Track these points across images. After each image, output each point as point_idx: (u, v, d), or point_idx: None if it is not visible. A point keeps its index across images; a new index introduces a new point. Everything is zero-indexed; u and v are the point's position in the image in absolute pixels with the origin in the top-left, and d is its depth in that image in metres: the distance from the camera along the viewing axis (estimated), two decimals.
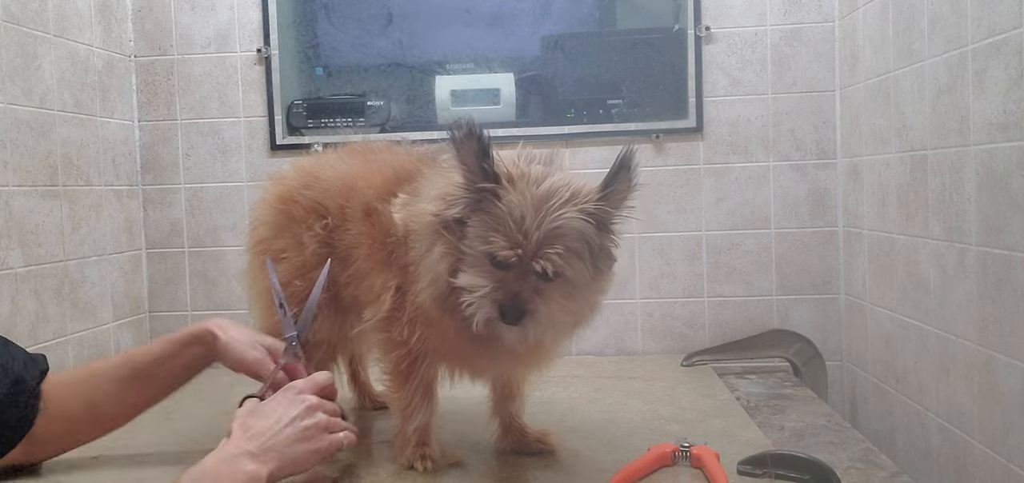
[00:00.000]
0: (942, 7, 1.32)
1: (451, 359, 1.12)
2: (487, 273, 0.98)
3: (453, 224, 1.01)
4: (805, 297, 1.84)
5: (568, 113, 1.86)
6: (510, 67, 1.87)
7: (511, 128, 1.84)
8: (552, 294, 0.99)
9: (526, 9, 1.89)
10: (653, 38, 1.86)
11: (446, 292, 1.02)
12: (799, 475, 1.06)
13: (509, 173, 1.00)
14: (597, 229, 1.00)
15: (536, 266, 0.97)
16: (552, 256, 0.96)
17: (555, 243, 0.97)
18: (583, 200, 0.99)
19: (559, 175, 1.01)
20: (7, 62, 1.45)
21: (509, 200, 0.98)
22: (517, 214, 0.97)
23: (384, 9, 1.89)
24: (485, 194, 0.99)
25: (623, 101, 1.85)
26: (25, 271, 1.49)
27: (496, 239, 0.97)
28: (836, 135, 1.82)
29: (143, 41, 1.89)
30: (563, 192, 0.99)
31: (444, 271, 1.01)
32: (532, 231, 0.97)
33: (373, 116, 1.86)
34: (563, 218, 0.97)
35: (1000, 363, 1.19)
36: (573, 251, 0.98)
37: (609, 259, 1.03)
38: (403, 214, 1.09)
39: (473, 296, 0.98)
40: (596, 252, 1.00)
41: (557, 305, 0.99)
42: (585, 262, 0.99)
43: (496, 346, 1.03)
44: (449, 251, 1.01)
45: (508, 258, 0.97)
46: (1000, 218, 1.17)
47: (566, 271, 0.98)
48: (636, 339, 1.88)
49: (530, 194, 0.98)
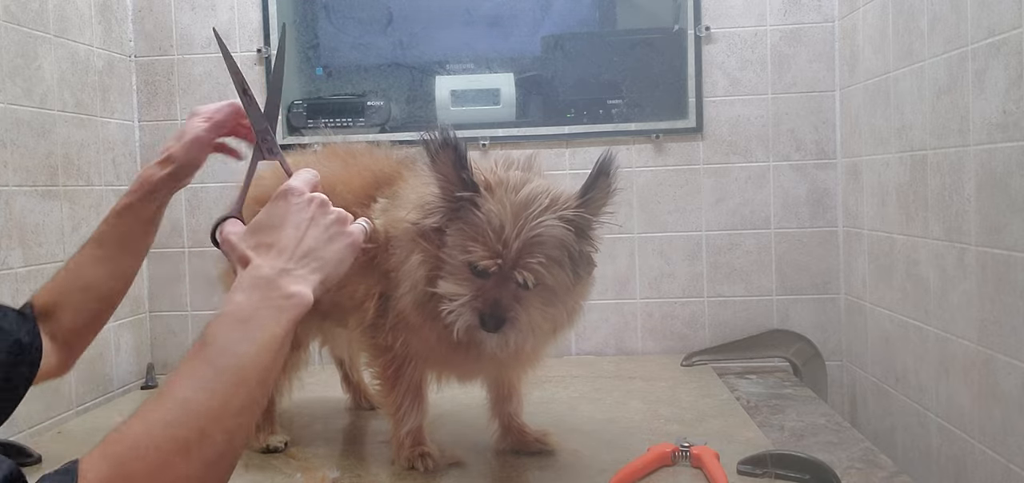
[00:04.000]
0: (942, 7, 1.32)
1: (435, 363, 1.12)
2: (467, 281, 0.98)
3: (431, 233, 1.00)
4: (805, 297, 1.84)
5: (568, 113, 1.86)
6: (510, 67, 1.87)
7: (511, 128, 1.84)
8: (532, 301, 0.98)
9: (526, 9, 1.89)
10: (653, 38, 1.86)
11: (425, 299, 1.02)
12: (799, 475, 1.06)
13: (487, 181, 0.99)
14: (576, 236, 0.99)
15: (517, 276, 0.96)
16: (533, 265, 0.96)
17: (535, 252, 0.96)
18: (562, 206, 0.98)
19: (538, 181, 1.01)
20: (7, 62, 1.45)
21: (488, 209, 0.97)
22: (496, 223, 0.96)
23: (384, 9, 1.89)
24: (463, 203, 0.98)
25: (623, 101, 1.85)
26: (25, 271, 1.49)
27: (475, 249, 0.97)
28: (836, 135, 1.82)
29: (143, 41, 1.89)
30: (542, 199, 0.98)
31: (421, 279, 1.02)
32: (512, 240, 0.96)
33: (373, 116, 1.86)
34: (543, 226, 0.96)
35: (1000, 363, 1.19)
36: (553, 259, 0.97)
37: (589, 264, 1.02)
38: (383, 220, 1.08)
39: (453, 304, 0.98)
40: (576, 259, 0.99)
41: (537, 312, 0.99)
42: (565, 269, 0.99)
43: (479, 350, 1.03)
44: (427, 259, 1.01)
45: (488, 268, 0.96)
46: (1000, 218, 1.17)
47: (546, 279, 0.97)
48: (636, 339, 1.88)
49: (509, 202, 0.97)
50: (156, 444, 0.62)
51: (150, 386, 1.76)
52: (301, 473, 1.15)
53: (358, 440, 1.36)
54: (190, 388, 0.66)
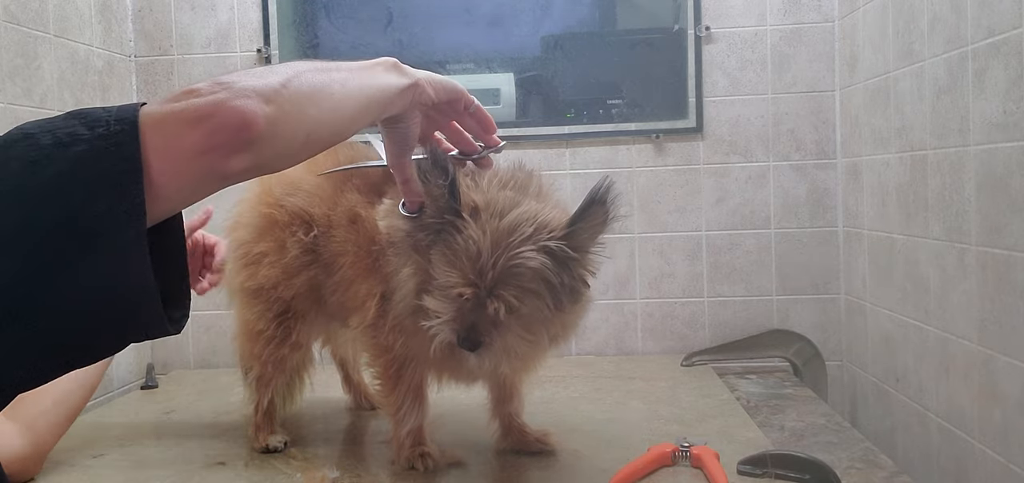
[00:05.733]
0: (942, 7, 1.32)
1: (434, 365, 1.12)
2: (449, 300, 0.98)
3: (422, 246, 1.00)
4: (805, 297, 1.84)
5: (568, 113, 1.86)
6: (510, 67, 1.87)
7: (511, 128, 1.84)
8: (510, 326, 0.97)
9: (526, 9, 1.89)
10: (653, 38, 1.86)
11: (413, 309, 1.02)
12: (799, 475, 1.06)
13: (475, 203, 0.98)
14: (558, 266, 0.96)
15: (489, 306, 0.95)
16: (505, 297, 0.95)
17: (509, 283, 0.95)
18: (546, 236, 0.96)
19: (527, 205, 0.99)
20: (7, 62, 1.45)
21: (468, 235, 0.96)
22: (474, 251, 0.95)
23: (384, 9, 1.89)
24: (446, 225, 0.98)
25: (623, 101, 1.85)
26: None
27: (452, 275, 0.96)
28: (836, 135, 1.82)
29: (143, 41, 1.89)
30: (525, 227, 0.96)
31: (411, 291, 1.02)
32: (487, 269, 0.95)
33: None
34: (520, 257, 0.95)
35: (1000, 363, 1.19)
36: (528, 291, 0.96)
37: (575, 294, 0.99)
38: (386, 223, 1.08)
39: (434, 321, 0.98)
40: (557, 289, 0.97)
41: (514, 338, 0.98)
42: (543, 300, 0.96)
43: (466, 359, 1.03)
44: (416, 271, 1.01)
45: (462, 295, 0.96)
46: (1000, 218, 1.17)
47: (521, 310, 0.96)
48: (636, 339, 1.88)
49: (491, 229, 0.96)
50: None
51: (150, 386, 1.75)
52: (301, 473, 1.15)
53: (358, 440, 1.36)
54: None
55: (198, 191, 0.65)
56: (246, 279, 1.23)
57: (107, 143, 0.58)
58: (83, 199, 0.57)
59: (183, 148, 0.61)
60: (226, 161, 0.64)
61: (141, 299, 0.60)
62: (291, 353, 1.25)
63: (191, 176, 0.63)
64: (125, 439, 1.32)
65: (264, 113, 0.65)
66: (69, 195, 0.57)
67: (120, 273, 0.59)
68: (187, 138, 0.62)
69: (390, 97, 0.88)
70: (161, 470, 1.19)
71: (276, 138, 0.67)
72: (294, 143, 0.71)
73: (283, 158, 0.72)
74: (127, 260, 0.58)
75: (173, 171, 0.61)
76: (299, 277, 1.20)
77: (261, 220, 1.23)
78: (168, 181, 0.61)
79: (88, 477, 1.16)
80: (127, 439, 1.33)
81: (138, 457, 1.26)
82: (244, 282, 1.24)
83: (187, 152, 0.62)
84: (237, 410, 1.44)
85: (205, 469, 1.19)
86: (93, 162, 0.58)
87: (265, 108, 0.65)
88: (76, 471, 1.18)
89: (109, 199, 0.57)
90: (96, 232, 0.57)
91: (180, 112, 0.62)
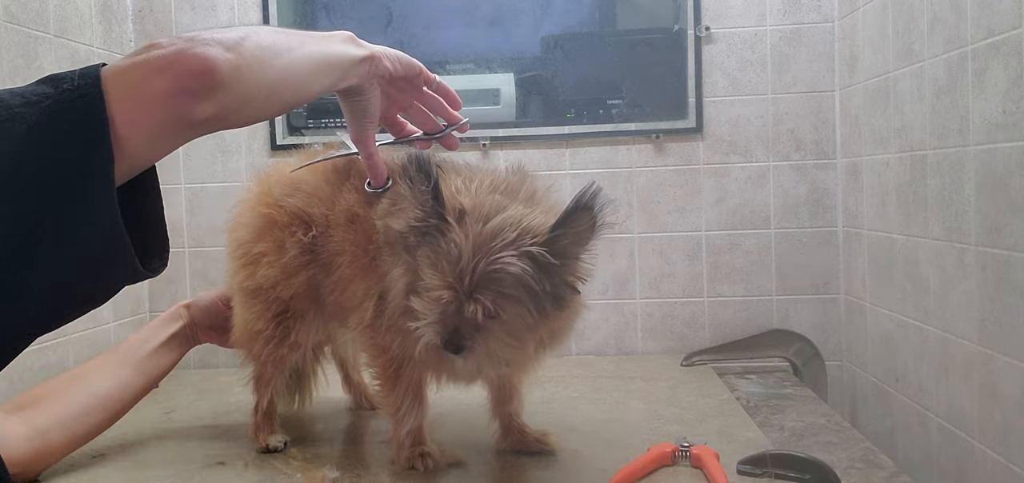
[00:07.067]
0: (942, 7, 1.33)
1: (426, 365, 1.12)
2: (433, 302, 0.98)
3: (413, 247, 1.01)
4: (805, 297, 1.84)
5: (568, 113, 1.86)
6: (510, 67, 1.88)
7: (511, 128, 1.84)
8: (492, 330, 0.97)
9: (526, 9, 1.89)
10: (653, 38, 1.86)
11: (404, 310, 1.02)
12: (799, 475, 1.06)
13: (461, 207, 0.98)
14: (541, 273, 0.95)
15: (467, 310, 0.95)
16: (483, 301, 0.94)
17: (488, 288, 0.95)
18: (529, 242, 0.95)
19: (513, 210, 0.98)
20: (7, 62, 1.45)
21: (450, 239, 0.96)
22: (454, 254, 0.95)
23: (384, 9, 1.89)
24: (431, 228, 0.98)
25: (623, 101, 1.85)
26: None
27: (434, 278, 0.97)
28: (836, 135, 1.82)
29: (143, 41, 1.89)
30: (508, 233, 0.95)
31: (401, 291, 1.02)
32: (466, 274, 0.95)
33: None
34: (500, 262, 0.94)
35: (1000, 363, 1.19)
36: (507, 297, 0.95)
37: (560, 300, 0.98)
38: (383, 223, 1.09)
39: (420, 322, 0.98)
40: (539, 295, 0.96)
41: (497, 341, 0.98)
42: (524, 306, 0.96)
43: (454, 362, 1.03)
44: (407, 272, 1.02)
45: (441, 298, 0.96)
46: (1000, 218, 1.18)
47: (501, 314, 0.96)
48: (636, 339, 1.88)
49: (473, 233, 0.96)
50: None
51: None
52: (301, 473, 1.15)
53: (358, 440, 1.36)
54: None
55: (166, 140, 0.68)
56: (245, 279, 1.24)
57: (72, 96, 0.62)
58: (53, 148, 0.60)
59: (149, 95, 0.65)
60: (192, 106, 0.67)
61: (112, 241, 0.63)
62: (290, 353, 1.25)
63: (157, 123, 0.66)
64: (125, 439, 1.33)
65: (226, 59, 0.69)
66: (41, 146, 0.60)
67: (91, 216, 0.62)
68: (152, 84, 0.65)
69: (346, 65, 0.91)
70: (161, 470, 1.19)
71: (239, 84, 0.70)
72: (258, 94, 0.74)
73: (247, 107, 0.74)
74: (96, 203, 0.62)
75: (139, 119, 0.64)
76: (298, 277, 1.20)
77: (260, 220, 1.23)
78: (135, 130, 0.64)
79: (88, 477, 1.16)
80: (127, 439, 1.33)
81: (138, 457, 1.26)
82: (243, 282, 1.24)
83: (153, 98, 0.65)
84: (237, 410, 1.45)
85: (205, 469, 1.19)
86: (59, 114, 0.61)
87: (226, 54, 0.69)
88: (76, 471, 1.18)
89: (76, 147, 0.61)
90: (67, 179, 0.61)
91: (143, 62, 0.65)
